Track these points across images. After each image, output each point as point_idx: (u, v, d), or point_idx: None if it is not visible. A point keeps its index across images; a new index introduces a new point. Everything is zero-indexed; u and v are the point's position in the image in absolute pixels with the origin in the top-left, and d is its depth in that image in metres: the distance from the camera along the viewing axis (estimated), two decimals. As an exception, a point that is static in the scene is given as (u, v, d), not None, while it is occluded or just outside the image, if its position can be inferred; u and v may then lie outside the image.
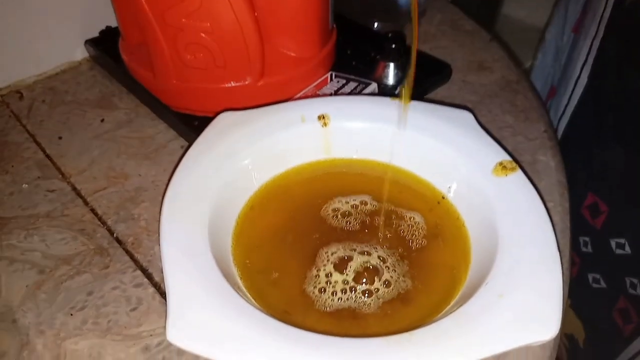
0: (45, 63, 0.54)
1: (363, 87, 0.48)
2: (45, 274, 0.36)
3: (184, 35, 0.42)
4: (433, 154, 0.37)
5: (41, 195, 0.41)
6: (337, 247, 0.33)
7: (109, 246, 0.38)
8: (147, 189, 0.42)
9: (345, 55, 0.55)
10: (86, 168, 0.44)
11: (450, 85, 0.52)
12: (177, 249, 0.29)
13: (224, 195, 0.34)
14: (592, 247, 0.55)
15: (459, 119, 0.38)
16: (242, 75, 0.45)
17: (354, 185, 0.38)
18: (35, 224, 0.39)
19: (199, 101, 0.47)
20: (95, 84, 0.53)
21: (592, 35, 0.52)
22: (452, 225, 0.35)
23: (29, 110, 0.50)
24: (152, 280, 0.36)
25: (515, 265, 0.28)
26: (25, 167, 0.44)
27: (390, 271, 0.31)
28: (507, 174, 0.34)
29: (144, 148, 0.46)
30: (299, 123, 0.39)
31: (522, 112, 0.49)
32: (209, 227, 0.32)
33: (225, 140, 0.37)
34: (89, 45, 0.55)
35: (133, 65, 0.49)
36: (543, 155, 0.44)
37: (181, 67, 0.44)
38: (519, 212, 0.31)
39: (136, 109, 0.50)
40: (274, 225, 0.36)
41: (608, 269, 0.54)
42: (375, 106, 0.39)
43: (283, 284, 0.32)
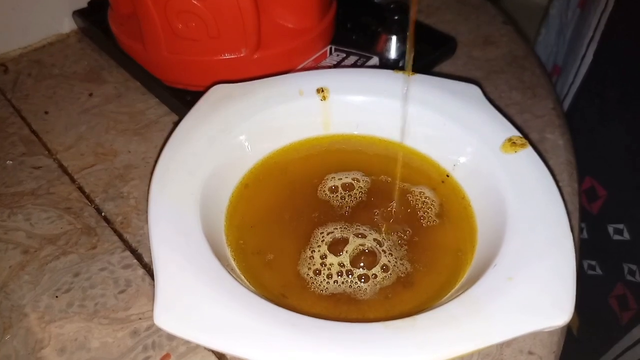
0: (31, 35, 0.52)
1: (364, 61, 0.46)
2: (30, 254, 0.34)
3: (175, 3, 0.40)
4: (438, 130, 0.35)
5: (26, 173, 0.40)
6: (334, 227, 0.32)
7: (97, 225, 0.36)
8: (137, 166, 0.40)
9: (346, 28, 0.53)
10: (73, 144, 0.42)
11: (455, 60, 0.50)
12: (166, 229, 0.27)
13: (216, 172, 0.33)
14: (588, 233, 0.53)
15: (466, 92, 0.36)
16: (237, 47, 0.43)
17: (353, 163, 0.36)
18: (20, 202, 0.37)
19: (192, 74, 0.44)
20: (84, 57, 0.51)
21: (602, 8, 0.49)
22: (457, 204, 0.33)
23: (14, 84, 0.48)
24: (142, 262, 0.34)
25: (525, 246, 0.27)
26: (10, 142, 0.42)
27: (388, 255, 0.30)
28: (517, 150, 0.32)
29: (133, 124, 0.44)
30: (297, 96, 0.37)
31: (529, 89, 0.47)
32: (200, 205, 0.30)
33: (218, 114, 0.34)
34: (77, 16, 0.52)
35: (123, 37, 0.47)
36: (551, 133, 0.43)
37: (172, 37, 0.42)
38: (528, 190, 0.29)
39: (126, 83, 0.48)
40: (269, 204, 0.34)
41: (605, 255, 0.52)
42: (377, 79, 0.37)
43: (278, 265, 0.30)
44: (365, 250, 0.30)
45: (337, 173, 0.35)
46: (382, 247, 0.30)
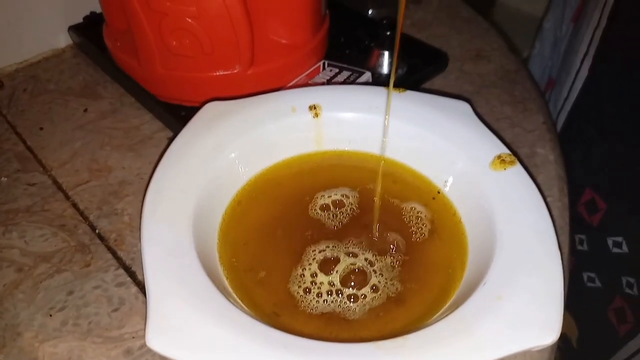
0: (27, 50, 0.52)
1: (357, 76, 0.46)
2: (24, 272, 0.34)
3: (169, 21, 0.40)
4: (429, 146, 0.36)
5: (21, 189, 0.40)
6: (325, 245, 0.32)
7: (91, 243, 0.36)
8: (131, 183, 0.40)
9: (339, 43, 0.53)
10: (68, 160, 0.42)
11: (447, 74, 0.50)
12: (158, 249, 0.28)
13: (210, 189, 0.33)
14: (588, 246, 0.53)
15: (456, 109, 0.37)
16: (231, 63, 0.43)
17: (345, 179, 0.37)
18: (14, 220, 0.38)
19: (186, 90, 0.45)
20: (79, 72, 0.51)
21: (594, 25, 0.50)
22: (448, 221, 0.33)
23: (10, 100, 0.48)
24: (135, 279, 0.34)
25: (514, 265, 0.27)
26: (5, 159, 0.42)
27: (378, 275, 0.30)
28: (506, 167, 0.32)
29: (128, 139, 0.44)
30: (290, 114, 0.37)
31: (521, 103, 0.47)
32: (193, 223, 0.30)
33: (211, 132, 0.35)
34: (72, 31, 0.53)
35: (118, 52, 0.47)
36: (542, 147, 0.43)
37: (167, 54, 0.42)
38: (517, 209, 0.30)
39: (121, 99, 0.48)
40: (262, 221, 0.34)
41: (604, 267, 0.53)
42: (369, 96, 0.38)
43: (270, 283, 0.31)
44: (356, 269, 0.30)
45: (328, 190, 0.35)
46: (373, 267, 0.31)
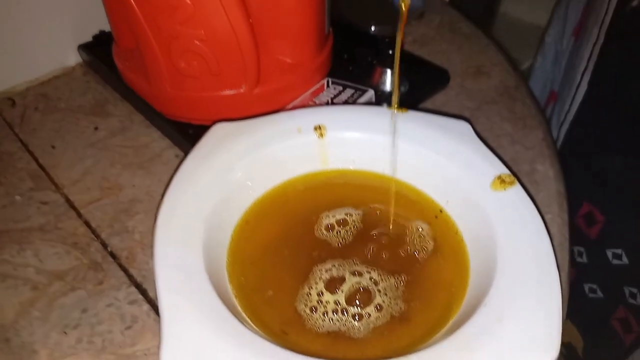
0: (38, 69, 0.53)
1: (360, 94, 0.47)
2: (39, 290, 0.35)
3: (178, 43, 0.41)
4: (430, 166, 0.37)
5: (34, 208, 0.41)
6: (331, 264, 0.33)
7: (103, 261, 0.37)
8: (141, 200, 0.42)
9: (342, 60, 0.54)
10: (80, 178, 0.43)
11: (448, 90, 0.51)
12: (171, 269, 0.29)
13: (219, 210, 0.34)
14: (588, 258, 0.54)
15: (457, 129, 0.38)
16: (238, 83, 0.44)
17: (350, 198, 0.38)
18: (29, 238, 0.39)
19: (194, 109, 0.46)
20: (89, 90, 0.52)
21: (593, 40, 0.51)
22: (450, 239, 0.34)
23: (22, 119, 0.49)
24: (147, 297, 0.35)
25: (514, 286, 0.28)
26: (18, 177, 0.43)
27: (383, 294, 0.31)
28: (506, 188, 0.33)
29: (138, 157, 0.45)
30: (295, 134, 0.38)
31: (521, 120, 0.48)
32: (203, 244, 0.31)
33: (219, 153, 0.36)
34: (82, 50, 0.54)
35: (127, 72, 0.48)
36: (541, 164, 0.44)
37: (175, 75, 0.43)
38: (517, 229, 0.31)
39: (130, 117, 0.49)
40: (269, 240, 0.35)
41: (605, 279, 0.54)
42: (372, 116, 0.39)
43: (278, 302, 0.32)
44: (361, 288, 0.31)
45: (332, 210, 0.36)
46: (377, 286, 0.32)
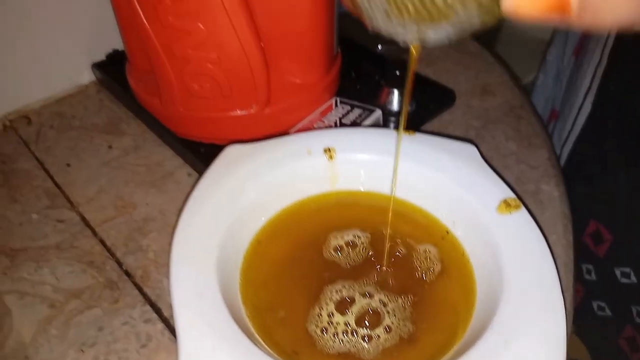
0: (53, 87, 0.55)
1: (368, 114, 0.48)
2: (56, 309, 0.36)
3: (191, 66, 0.42)
4: (438, 188, 0.38)
5: (51, 226, 0.42)
6: (342, 285, 0.34)
7: (118, 279, 0.38)
8: (154, 219, 0.43)
9: (350, 78, 0.55)
10: (94, 197, 0.44)
11: (454, 110, 0.52)
12: (187, 292, 0.30)
13: (232, 231, 0.35)
14: (596, 275, 0.55)
15: (464, 152, 0.39)
16: (248, 104, 0.45)
17: (358, 219, 0.39)
18: (45, 256, 0.40)
19: (205, 129, 0.47)
20: (103, 109, 0.53)
21: (596, 62, 0.52)
22: (457, 261, 0.35)
23: (37, 136, 0.50)
24: (161, 316, 0.36)
25: (520, 311, 0.29)
26: (35, 195, 0.45)
27: (392, 316, 0.32)
28: (512, 211, 0.34)
29: (150, 176, 0.46)
30: (305, 156, 0.39)
31: (526, 139, 0.49)
32: (217, 265, 0.32)
33: (232, 175, 0.37)
34: (95, 69, 0.55)
35: (140, 91, 0.49)
36: (546, 184, 0.45)
37: (188, 96, 0.45)
38: (523, 253, 0.32)
39: (143, 135, 0.50)
40: (281, 260, 0.36)
41: (613, 297, 0.54)
42: (380, 139, 0.40)
43: (289, 322, 0.32)
44: (370, 310, 0.32)
45: (341, 231, 0.37)
46: (386, 308, 0.32)
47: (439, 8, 0.18)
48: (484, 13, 0.18)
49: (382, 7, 0.19)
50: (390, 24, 0.20)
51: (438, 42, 0.20)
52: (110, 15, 0.48)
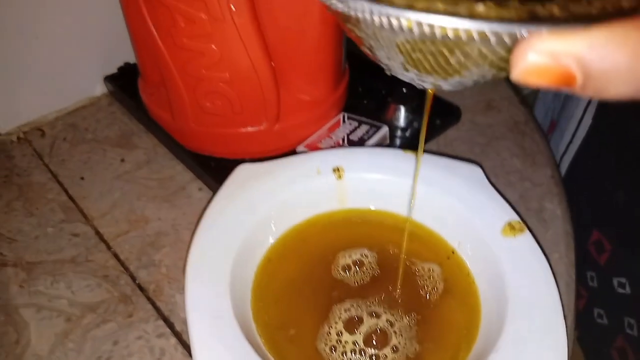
0: (66, 99, 0.56)
1: (375, 130, 0.49)
2: (72, 322, 0.38)
3: (204, 85, 0.43)
4: (443, 208, 0.39)
5: (66, 240, 0.43)
6: (350, 304, 0.35)
7: (132, 294, 0.39)
8: (167, 234, 0.44)
9: (357, 92, 0.56)
10: (108, 211, 0.45)
11: (459, 126, 0.53)
12: (202, 311, 0.31)
13: (243, 249, 0.36)
14: (597, 283, 0.56)
15: (469, 173, 0.40)
16: (258, 121, 0.46)
17: (366, 237, 0.40)
18: (61, 270, 0.41)
19: (216, 144, 0.48)
20: (115, 122, 0.55)
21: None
22: (462, 281, 0.36)
23: (51, 149, 0.52)
24: (174, 330, 0.37)
25: (523, 334, 0.30)
26: (50, 209, 0.46)
27: (398, 336, 0.33)
28: (516, 234, 0.35)
29: (163, 190, 0.47)
30: (315, 175, 0.40)
31: (530, 156, 0.50)
32: (230, 284, 0.33)
33: (243, 195, 0.38)
34: (108, 81, 0.57)
35: (152, 106, 0.50)
36: (550, 202, 0.46)
37: (199, 112, 0.46)
38: (527, 277, 0.33)
39: (155, 149, 0.51)
40: (290, 278, 0.37)
41: (610, 306, 0.55)
42: (388, 159, 0.41)
43: (299, 340, 0.34)
44: (378, 330, 0.33)
45: (349, 250, 0.38)
46: (393, 328, 0.33)
47: (453, 67, 0.19)
48: (497, 70, 0.19)
49: (400, 61, 0.20)
50: (407, 74, 0.21)
51: (454, 89, 0.21)
52: (122, 29, 0.49)
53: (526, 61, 0.15)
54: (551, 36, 0.15)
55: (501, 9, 0.16)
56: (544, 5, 0.17)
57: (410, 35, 0.18)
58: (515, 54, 0.16)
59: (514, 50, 0.16)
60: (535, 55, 0.15)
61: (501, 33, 0.16)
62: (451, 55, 0.19)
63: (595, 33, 0.14)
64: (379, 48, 0.21)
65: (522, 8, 0.17)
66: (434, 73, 0.20)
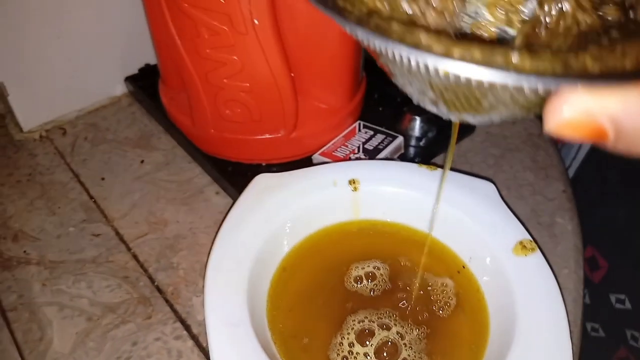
0: (87, 98, 0.57)
1: (390, 141, 0.50)
2: (93, 322, 0.39)
3: (225, 94, 0.44)
4: (455, 224, 0.39)
5: (87, 240, 0.45)
6: (363, 316, 0.36)
7: (151, 295, 0.41)
8: (185, 237, 0.45)
9: (372, 99, 0.57)
10: (128, 212, 0.47)
11: (473, 137, 0.54)
12: (220, 319, 0.32)
13: (260, 258, 0.37)
14: (591, 299, 0.57)
15: (482, 190, 0.40)
16: (277, 129, 0.47)
17: (379, 249, 0.41)
18: (83, 270, 0.42)
19: (234, 150, 0.49)
20: (135, 122, 0.56)
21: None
22: (472, 297, 0.37)
23: (72, 148, 0.53)
24: (191, 332, 0.39)
25: (531, 352, 0.31)
26: (71, 208, 0.47)
27: (408, 348, 0.34)
28: (527, 254, 0.36)
29: (181, 193, 0.49)
30: (331, 187, 0.41)
31: (543, 170, 0.51)
32: (248, 292, 0.34)
33: (261, 205, 0.39)
34: (128, 82, 0.58)
35: (172, 110, 0.51)
36: (561, 217, 0.46)
37: (219, 119, 0.47)
38: (536, 296, 0.33)
39: (173, 151, 0.53)
40: (304, 287, 0.38)
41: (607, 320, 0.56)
42: (403, 172, 0.42)
43: (312, 349, 0.35)
44: (389, 342, 0.34)
45: (362, 262, 0.39)
46: (403, 340, 0.34)
47: (484, 108, 0.20)
48: (526, 112, 0.19)
49: (430, 97, 0.21)
50: (435, 108, 0.21)
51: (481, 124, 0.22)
52: (144, 30, 0.50)
53: (561, 116, 0.16)
54: (587, 92, 0.15)
55: (536, 59, 0.17)
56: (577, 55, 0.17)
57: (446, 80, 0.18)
58: (550, 107, 0.16)
59: (549, 103, 0.16)
60: (570, 111, 0.15)
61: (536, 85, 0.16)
62: (483, 98, 0.19)
63: (631, 94, 0.15)
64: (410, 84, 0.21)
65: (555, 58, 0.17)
66: (463, 111, 0.20)
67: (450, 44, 0.17)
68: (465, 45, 0.17)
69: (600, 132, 0.15)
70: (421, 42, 0.17)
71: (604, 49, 0.17)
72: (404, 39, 0.17)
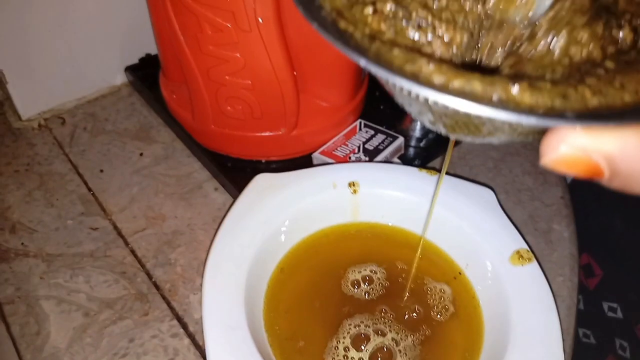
0: (87, 87, 0.57)
1: (390, 141, 0.50)
2: (90, 317, 0.39)
3: (226, 90, 0.44)
4: (453, 229, 0.40)
5: (85, 233, 0.45)
6: (359, 320, 0.36)
7: (148, 292, 0.41)
8: (182, 233, 0.45)
9: (374, 97, 0.56)
10: (126, 206, 0.47)
11: (474, 139, 0.54)
12: (217, 320, 0.32)
13: (258, 259, 0.37)
14: (584, 306, 0.57)
15: (482, 197, 0.40)
16: (277, 126, 0.47)
17: (376, 252, 0.41)
18: (80, 264, 0.42)
19: (234, 146, 0.49)
20: (134, 113, 0.55)
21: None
22: (468, 303, 0.38)
23: (71, 138, 0.52)
24: (187, 331, 0.39)
25: None
26: (70, 200, 0.47)
27: (403, 355, 0.34)
28: (523, 264, 0.36)
29: (180, 188, 0.48)
30: (330, 189, 0.41)
31: (541, 175, 0.51)
32: (245, 293, 0.34)
33: (260, 205, 0.39)
34: (128, 72, 0.57)
35: (172, 104, 0.51)
36: (558, 224, 0.47)
37: (220, 115, 0.46)
38: (531, 307, 0.34)
39: (172, 144, 0.52)
40: (301, 289, 0.38)
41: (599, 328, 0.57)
42: (402, 176, 0.42)
43: (308, 352, 0.35)
44: (384, 348, 0.35)
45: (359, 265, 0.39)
46: (398, 347, 0.35)
47: (483, 133, 0.20)
48: (523, 138, 0.19)
49: (429, 118, 0.21)
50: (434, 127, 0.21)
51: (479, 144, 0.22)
52: (145, 20, 0.49)
53: (557, 152, 0.16)
54: (584, 131, 0.15)
55: (535, 92, 0.17)
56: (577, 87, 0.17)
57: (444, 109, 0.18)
58: (547, 143, 0.16)
59: (546, 138, 0.16)
60: (566, 148, 0.16)
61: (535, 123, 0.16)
62: (482, 126, 0.19)
63: (627, 135, 0.15)
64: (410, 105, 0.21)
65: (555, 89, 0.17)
66: (462, 133, 0.20)
67: (451, 74, 0.17)
68: (467, 76, 0.17)
69: (595, 170, 0.16)
70: (422, 71, 0.17)
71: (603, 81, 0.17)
72: (404, 68, 0.17)
